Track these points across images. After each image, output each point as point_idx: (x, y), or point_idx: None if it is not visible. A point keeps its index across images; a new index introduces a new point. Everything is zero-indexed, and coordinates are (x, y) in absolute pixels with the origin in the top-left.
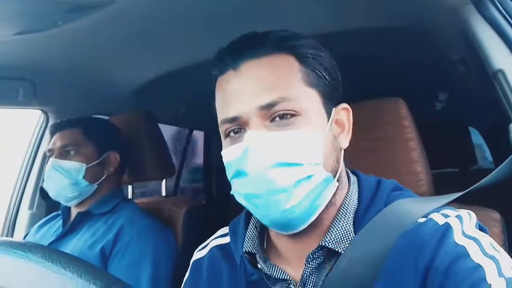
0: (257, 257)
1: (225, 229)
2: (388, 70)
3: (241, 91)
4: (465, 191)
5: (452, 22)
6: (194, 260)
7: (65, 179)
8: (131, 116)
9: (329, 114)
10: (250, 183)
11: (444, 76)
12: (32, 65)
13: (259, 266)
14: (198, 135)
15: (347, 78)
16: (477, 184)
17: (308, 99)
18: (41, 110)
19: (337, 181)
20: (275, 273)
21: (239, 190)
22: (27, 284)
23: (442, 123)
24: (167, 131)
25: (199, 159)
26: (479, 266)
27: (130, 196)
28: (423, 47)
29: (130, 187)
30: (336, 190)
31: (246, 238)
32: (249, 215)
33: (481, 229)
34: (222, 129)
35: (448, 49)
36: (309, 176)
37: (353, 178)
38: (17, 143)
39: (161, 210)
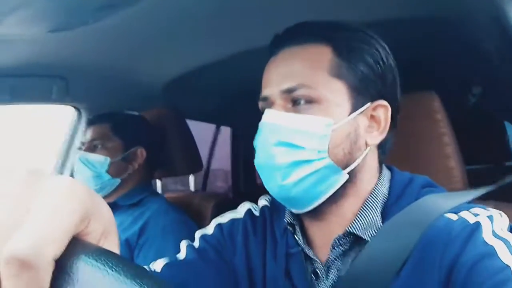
0: (297, 229)
1: (267, 197)
2: (419, 62)
3: (273, 75)
4: (495, 185)
5: (487, 10)
6: (249, 211)
7: (89, 172)
8: (158, 112)
9: (355, 108)
10: (259, 156)
11: (478, 69)
12: (65, 63)
13: (297, 238)
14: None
15: None
16: (509, 178)
17: (330, 90)
18: (73, 106)
19: (350, 173)
20: (306, 250)
21: (255, 162)
22: None
23: (476, 117)
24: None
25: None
26: (507, 267)
27: (159, 190)
28: (456, 37)
29: (158, 182)
30: (353, 183)
31: (286, 211)
32: None
33: None
34: (259, 106)
35: (483, 40)
36: (309, 161)
37: (386, 172)
38: (52, 138)
39: (189, 204)
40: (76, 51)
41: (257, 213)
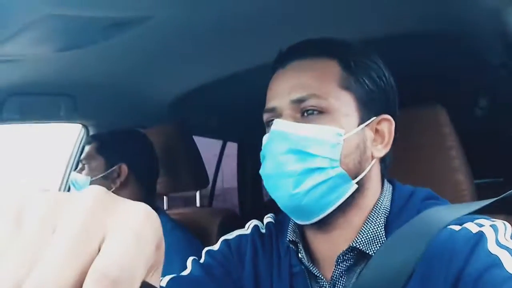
0: (300, 246)
1: (271, 215)
2: (425, 76)
3: (281, 86)
4: (499, 197)
5: (493, 24)
6: (256, 226)
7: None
8: (165, 128)
9: (363, 120)
10: (268, 165)
11: (485, 82)
12: (73, 81)
13: (300, 256)
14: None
15: None
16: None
17: (339, 101)
18: (81, 124)
19: (358, 184)
20: (311, 268)
21: (261, 172)
22: None
23: (484, 131)
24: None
25: None
26: None
27: (165, 207)
28: (462, 51)
29: (165, 198)
30: (361, 193)
31: (289, 229)
32: None
33: None
34: (264, 118)
35: (489, 53)
36: (321, 168)
37: (388, 186)
38: (60, 156)
39: (195, 221)
40: (84, 69)
41: (263, 231)
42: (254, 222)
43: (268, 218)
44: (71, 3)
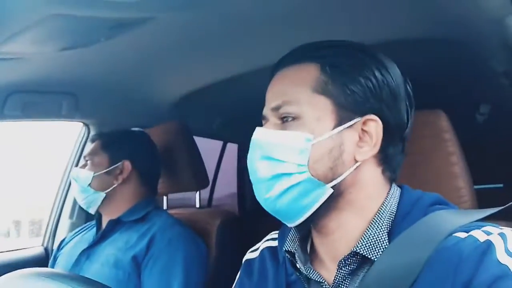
0: (296, 257)
1: (276, 233)
2: (427, 82)
3: (268, 95)
4: (508, 205)
5: (495, 32)
6: (246, 260)
7: (77, 186)
8: (166, 127)
9: (341, 123)
10: (249, 172)
11: (486, 89)
12: (75, 80)
13: (298, 266)
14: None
15: None
16: None
17: (312, 105)
18: (82, 122)
19: (337, 188)
20: (311, 275)
21: None
22: None
23: (485, 137)
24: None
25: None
26: None
27: (165, 207)
28: (464, 58)
29: (165, 198)
30: (343, 198)
31: (287, 238)
32: None
33: None
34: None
35: (491, 61)
36: (289, 174)
37: (395, 190)
38: (60, 155)
39: (195, 221)
40: (86, 68)
41: (255, 254)
42: (246, 256)
43: (267, 242)
44: (73, 3)
